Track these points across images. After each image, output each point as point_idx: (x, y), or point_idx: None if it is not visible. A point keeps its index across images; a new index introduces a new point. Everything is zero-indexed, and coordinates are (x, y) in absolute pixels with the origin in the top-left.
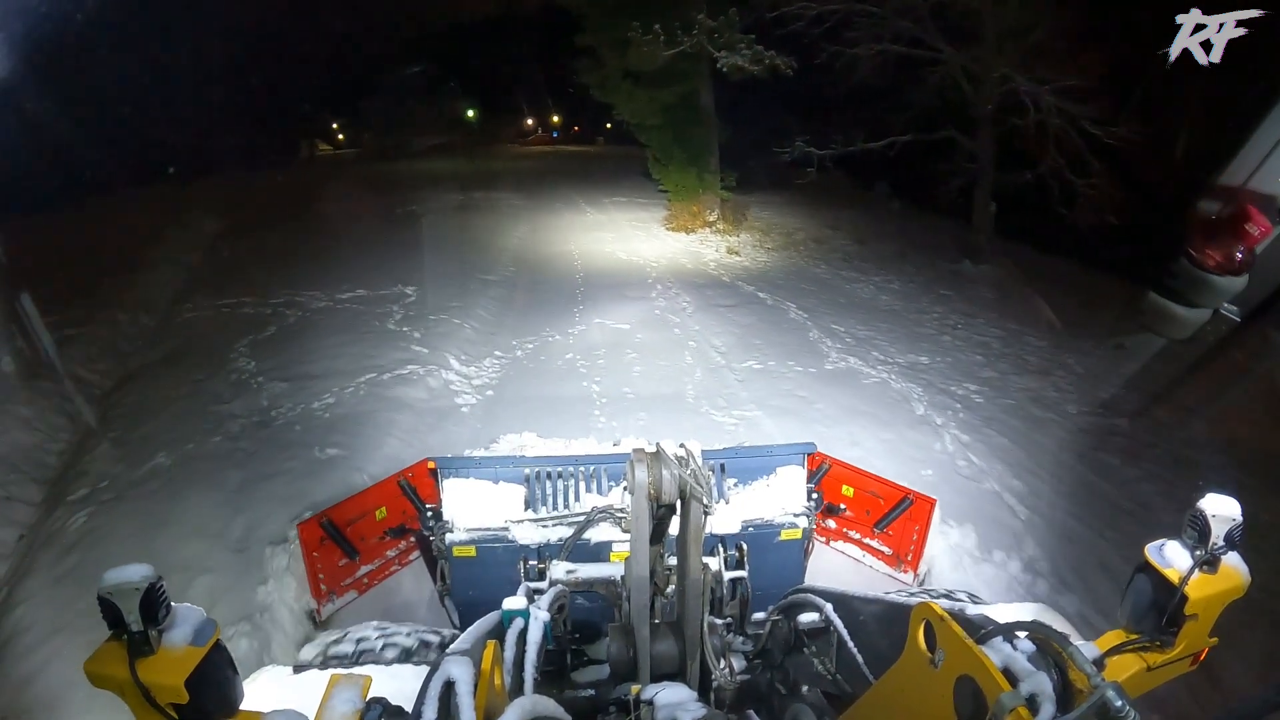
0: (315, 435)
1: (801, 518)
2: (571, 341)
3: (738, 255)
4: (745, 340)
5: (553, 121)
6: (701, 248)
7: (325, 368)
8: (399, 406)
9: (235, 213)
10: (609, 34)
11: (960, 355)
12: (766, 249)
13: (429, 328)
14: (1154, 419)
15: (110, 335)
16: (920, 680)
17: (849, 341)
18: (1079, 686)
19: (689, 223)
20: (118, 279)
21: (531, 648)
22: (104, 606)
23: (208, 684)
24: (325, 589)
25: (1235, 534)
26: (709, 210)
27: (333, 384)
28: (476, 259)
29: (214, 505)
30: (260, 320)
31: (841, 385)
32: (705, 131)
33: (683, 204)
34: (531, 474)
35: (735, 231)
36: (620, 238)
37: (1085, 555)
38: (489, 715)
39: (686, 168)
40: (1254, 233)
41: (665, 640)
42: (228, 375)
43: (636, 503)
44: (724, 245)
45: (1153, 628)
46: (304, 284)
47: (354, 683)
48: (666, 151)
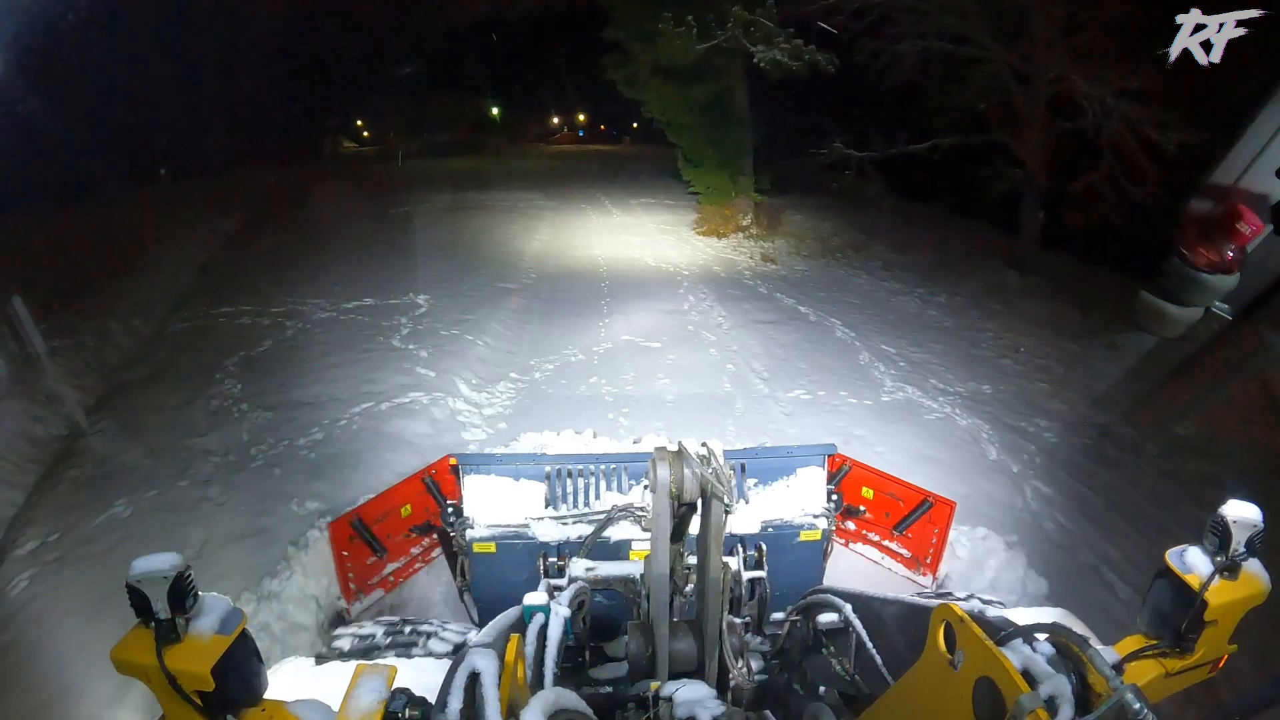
0: (296, 482)
1: (821, 519)
2: (596, 362)
3: (773, 263)
4: (789, 363)
5: (579, 120)
6: (735, 254)
7: (317, 394)
8: (397, 444)
9: (254, 210)
10: (638, 27)
11: (1023, 383)
12: (803, 256)
13: (439, 345)
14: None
15: (97, 346)
16: (939, 681)
17: (903, 366)
18: (1098, 690)
19: (720, 227)
20: (118, 281)
21: (552, 643)
22: (132, 594)
23: (233, 672)
24: (354, 588)
25: (1256, 541)
26: (742, 214)
27: (324, 414)
28: (495, 264)
29: None
30: (256, 332)
31: (902, 421)
32: (739, 131)
33: (714, 207)
34: (552, 471)
35: (769, 237)
36: (648, 242)
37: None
38: (511, 707)
39: (719, 169)
40: (1245, 231)
41: (684, 639)
42: (209, 400)
43: (658, 500)
44: (758, 251)
45: (1172, 633)
46: (309, 290)
47: (379, 672)
48: (698, 151)
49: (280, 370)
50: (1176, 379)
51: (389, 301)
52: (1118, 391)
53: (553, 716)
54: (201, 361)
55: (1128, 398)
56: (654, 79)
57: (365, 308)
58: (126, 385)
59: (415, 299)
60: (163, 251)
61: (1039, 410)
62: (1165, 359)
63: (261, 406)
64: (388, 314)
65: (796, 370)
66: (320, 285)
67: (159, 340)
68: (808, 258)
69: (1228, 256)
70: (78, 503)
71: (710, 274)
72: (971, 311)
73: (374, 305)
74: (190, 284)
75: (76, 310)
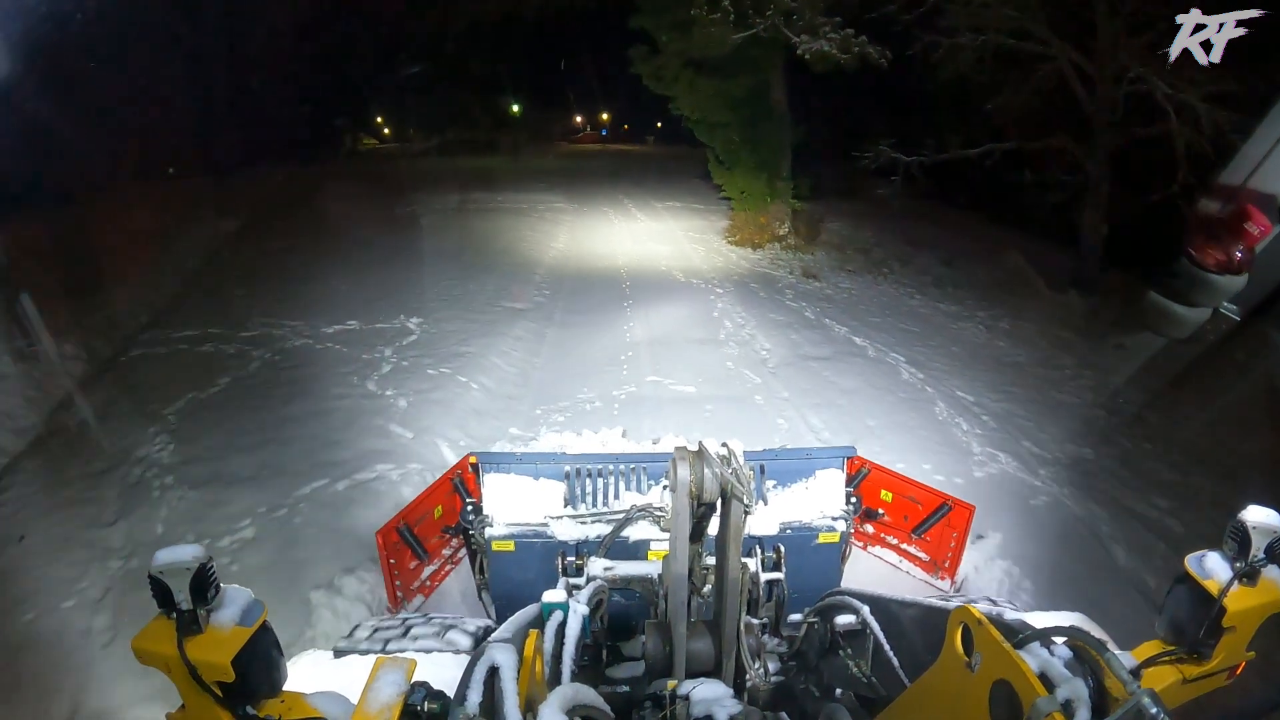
0: None
1: (840, 521)
2: (616, 411)
3: (816, 279)
4: (855, 419)
5: (602, 119)
6: (773, 267)
7: (262, 463)
8: (345, 551)
9: (257, 210)
10: (669, 15)
11: (1124, 443)
12: (847, 271)
13: (423, 391)
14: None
15: (39, 380)
16: (956, 683)
17: (987, 423)
18: (1114, 694)
19: (755, 236)
20: (94, 294)
21: (570, 640)
22: (155, 585)
23: (254, 663)
24: (401, 595)
25: (1277, 547)
26: (778, 222)
27: (263, 496)
28: (502, 278)
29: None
30: (217, 365)
31: (1004, 508)
32: (777, 130)
33: (748, 214)
34: (571, 471)
35: (809, 248)
36: (677, 253)
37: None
38: (529, 702)
39: (754, 172)
40: (1254, 232)
41: (701, 639)
42: (131, 468)
43: (678, 500)
44: (798, 265)
45: (1190, 640)
46: (289, 309)
47: (399, 665)
48: (731, 153)
49: (227, 422)
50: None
51: (376, 325)
52: (1227, 451)
53: (570, 712)
54: (144, 406)
55: (1247, 463)
56: (685, 72)
57: (347, 333)
58: (49, 440)
59: (406, 323)
60: (152, 256)
61: (1155, 484)
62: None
63: (189, 482)
64: (371, 343)
65: (866, 430)
66: (303, 303)
67: (110, 371)
68: (853, 273)
69: (1236, 257)
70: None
71: (748, 292)
72: (1041, 341)
73: (357, 330)
74: (171, 295)
75: (45, 325)
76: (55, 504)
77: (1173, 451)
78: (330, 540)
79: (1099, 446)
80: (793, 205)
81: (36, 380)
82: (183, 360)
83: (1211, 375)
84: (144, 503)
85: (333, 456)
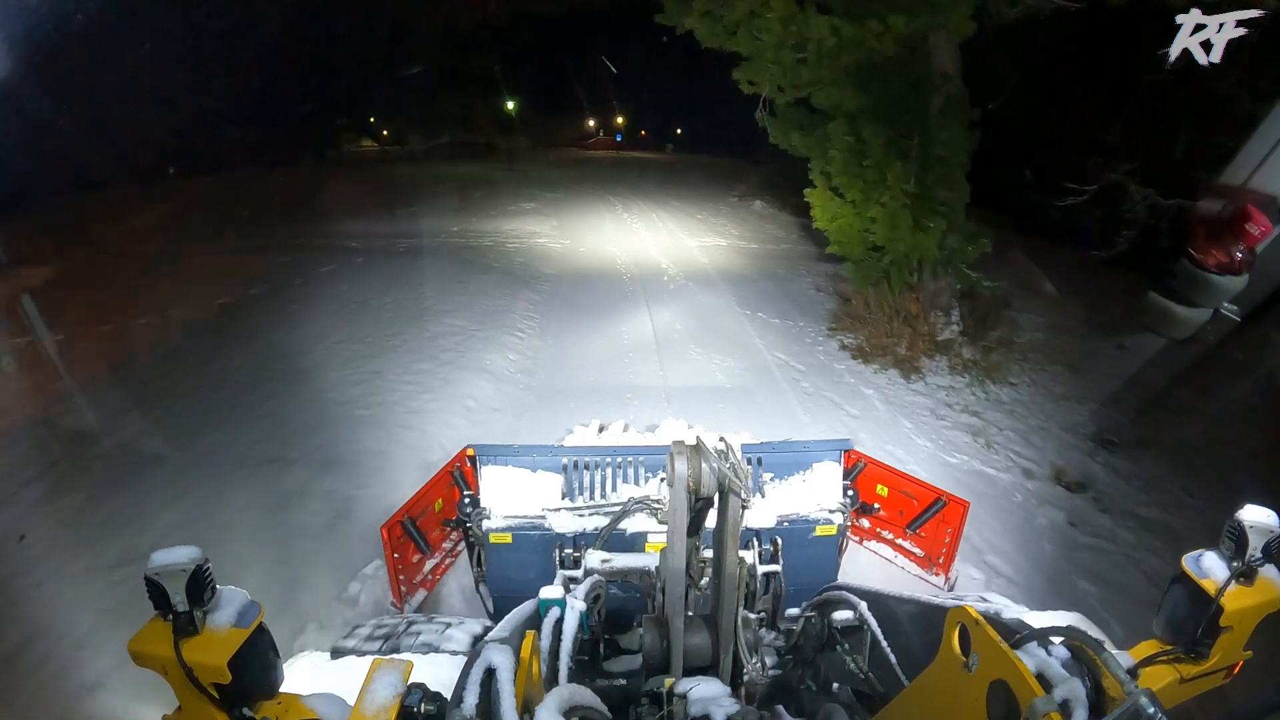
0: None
1: (837, 514)
2: None
3: (1084, 491)
4: None
5: (617, 124)
6: (961, 440)
7: None
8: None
9: (223, 218)
10: None
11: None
12: (1121, 458)
13: None
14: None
15: None
16: (953, 683)
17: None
18: (1112, 694)
19: (899, 342)
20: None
21: (567, 638)
22: (151, 587)
23: (250, 665)
24: (404, 590)
25: (1274, 546)
26: (938, 312)
27: None
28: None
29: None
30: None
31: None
32: (952, 133)
33: (881, 291)
34: (569, 463)
35: (999, 372)
36: (764, 383)
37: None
38: (526, 703)
39: (909, 211)
40: (1254, 232)
41: (699, 633)
42: None
43: (675, 495)
44: (1009, 427)
45: (1188, 639)
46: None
47: (395, 667)
48: (860, 173)
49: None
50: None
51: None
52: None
53: (568, 713)
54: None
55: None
56: (775, 8)
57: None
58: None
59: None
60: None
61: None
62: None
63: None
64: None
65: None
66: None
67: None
68: (1138, 456)
69: (1236, 258)
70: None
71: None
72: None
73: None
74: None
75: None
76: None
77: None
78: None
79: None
80: (970, 280)
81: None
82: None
83: (1212, 375)
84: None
85: None
